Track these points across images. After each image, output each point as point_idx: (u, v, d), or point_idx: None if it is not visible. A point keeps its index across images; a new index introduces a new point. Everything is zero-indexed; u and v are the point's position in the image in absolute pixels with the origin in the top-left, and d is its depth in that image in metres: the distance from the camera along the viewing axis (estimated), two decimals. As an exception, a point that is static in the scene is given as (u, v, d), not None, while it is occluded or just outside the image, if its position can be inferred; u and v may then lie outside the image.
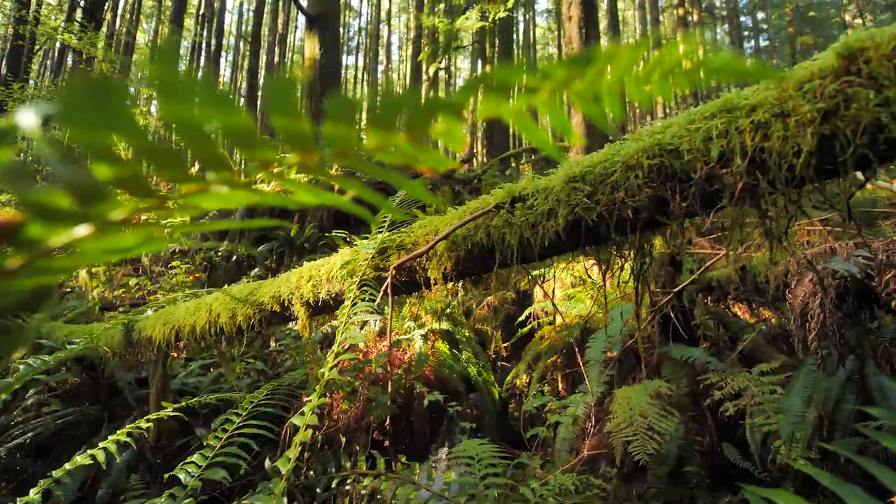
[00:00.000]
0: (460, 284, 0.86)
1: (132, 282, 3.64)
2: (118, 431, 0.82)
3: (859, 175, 0.64)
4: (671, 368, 3.07)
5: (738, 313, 3.77)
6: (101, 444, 0.81)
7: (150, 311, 3.04)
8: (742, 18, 28.79)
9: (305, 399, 0.69)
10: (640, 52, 0.23)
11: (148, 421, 0.86)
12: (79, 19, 8.81)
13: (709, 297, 3.57)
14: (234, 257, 6.60)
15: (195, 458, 0.78)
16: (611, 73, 0.23)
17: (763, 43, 29.36)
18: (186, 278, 3.92)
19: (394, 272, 0.82)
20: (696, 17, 19.80)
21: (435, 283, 0.84)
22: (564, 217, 0.70)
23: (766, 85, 0.65)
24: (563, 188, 0.71)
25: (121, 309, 4.40)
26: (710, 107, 0.68)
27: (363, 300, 0.76)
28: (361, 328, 3.44)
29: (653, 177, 0.68)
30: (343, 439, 0.99)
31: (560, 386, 3.66)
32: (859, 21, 21.72)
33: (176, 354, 3.24)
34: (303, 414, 0.67)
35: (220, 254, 6.31)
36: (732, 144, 0.63)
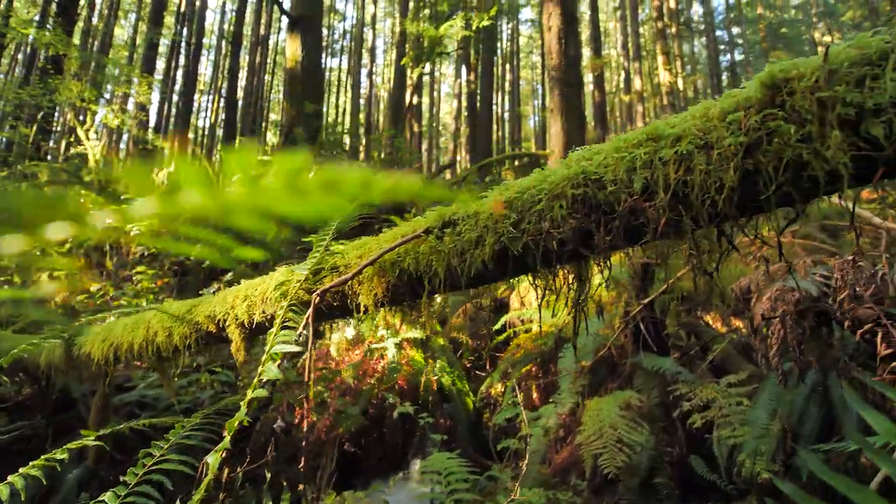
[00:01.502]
0: (394, 310, 0.82)
1: (93, 287, 3.49)
2: (31, 463, 0.76)
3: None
4: (643, 378, 3.08)
5: (710, 322, 3.82)
6: (9, 478, 0.74)
7: (111, 318, 2.92)
8: (718, 33, 29.63)
9: (225, 433, 0.64)
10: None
11: (66, 451, 0.79)
12: (52, 15, 8.54)
13: (681, 307, 3.61)
14: (208, 261, 6.44)
15: (108, 496, 0.72)
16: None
17: (738, 57, 30.24)
18: (153, 284, 3.79)
19: (318, 298, 0.77)
20: (674, 30, 20.27)
21: (366, 311, 0.80)
22: (491, 246, 0.67)
23: (692, 112, 0.63)
24: (492, 215, 0.68)
25: (83, 316, 4.23)
26: (638, 134, 0.66)
27: (287, 327, 0.72)
28: (283, 353, 3.37)
29: (577, 207, 0.65)
30: (269, 474, 0.92)
31: (534, 395, 3.64)
32: (828, 38, 22.58)
33: (139, 363, 3.12)
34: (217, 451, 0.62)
35: (192, 258, 6.14)
36: (656, 176, 0.61)
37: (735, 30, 30.45)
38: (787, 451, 2.00)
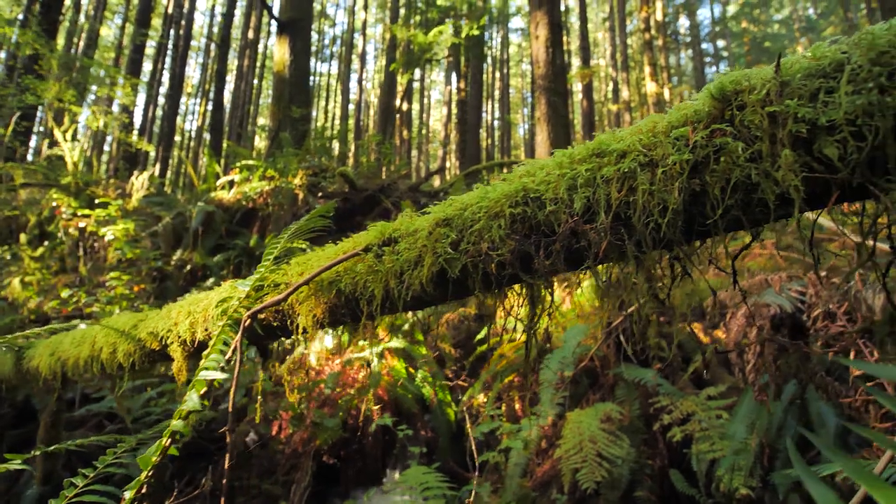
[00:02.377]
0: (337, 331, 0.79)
1: (64, 293, 3.38)
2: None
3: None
4: (625, 389, 3.06)
5: (695, 332, 3.82)
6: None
7: (82, 325, 2.80)
8: (704, 45, 30.22)
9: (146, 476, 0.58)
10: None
11: (-11, 480, 0.73)
12: (35, 14, 8.38)
13: (664, 317, 3.61)
14: (189, 267, 6.31)
15: (21, 534, 0.67)
16: None
17: (724, 69, 30.81)
18: (128, 290, 3.68)
19: (249, 320, 0.73)
20: (661, 42, 20.60)
21: (305, 332, 0.76)
22: (429, 267, 0.63)
23: (640, 126, 0.59)
24: (431, 233, 0.64)
25: (54, 322, 4.10)
26: (583, 149, 0.61)
27: (218, 350, 0.67)
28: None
29: (516, 227, 0.60)
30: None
31: (516, 406, 3.60)
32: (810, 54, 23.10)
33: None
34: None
35: (172, 263, 6.02)
36: (598, 196, 0.56)
37: (720, 43, 31.07)
38: (765, 467, 1.98)
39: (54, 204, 3.98)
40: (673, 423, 2.44)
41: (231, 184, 7.96)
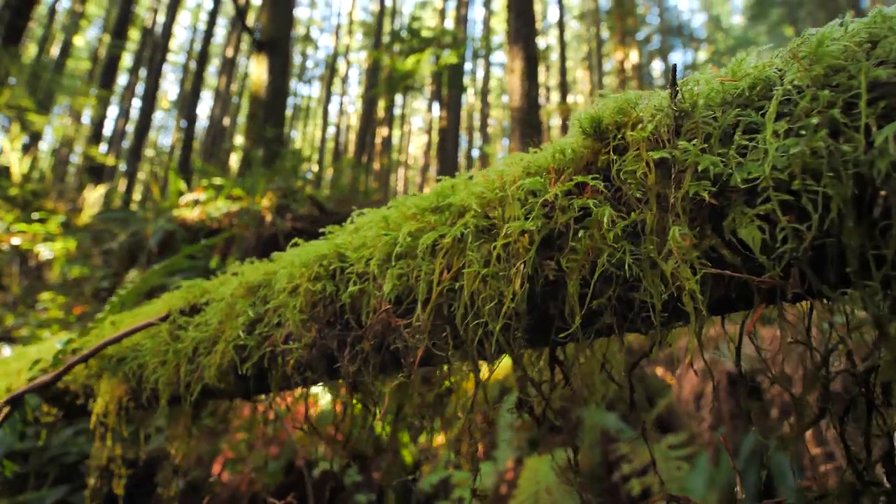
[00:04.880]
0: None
1: (-11, 316, 3.09)
2: None
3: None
4: (587, 432, 2.95)
5: (658, 374, 3.76)
6: None
7: (6, 350, 2.55)
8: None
9: None
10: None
11: None
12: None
13: (629, 357, 3.55)
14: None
15: None
16: None
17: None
18: (63, 313, 3.41)
19: (8, 408, 0.59)
20: (636, 84, 21.55)
21: (104, 420, 0.62)
22: (222, 353, 0.50)
23: (486, 172, 0.39)
24: (234, 305, 0.51)
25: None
26: (423, 200, 0.41)
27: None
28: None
29: (318, 312, 0.43)
30: None
31: (478, 447, 3.44)
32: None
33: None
34: None
35: (126, 283, 5.70)
36: (418, 275, 0.38)
37: (691, 86, 32.83)
38: (725, 527, 1.88)
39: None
40: (633, 473, 2.33)
41: (196, 202, 7.71)
